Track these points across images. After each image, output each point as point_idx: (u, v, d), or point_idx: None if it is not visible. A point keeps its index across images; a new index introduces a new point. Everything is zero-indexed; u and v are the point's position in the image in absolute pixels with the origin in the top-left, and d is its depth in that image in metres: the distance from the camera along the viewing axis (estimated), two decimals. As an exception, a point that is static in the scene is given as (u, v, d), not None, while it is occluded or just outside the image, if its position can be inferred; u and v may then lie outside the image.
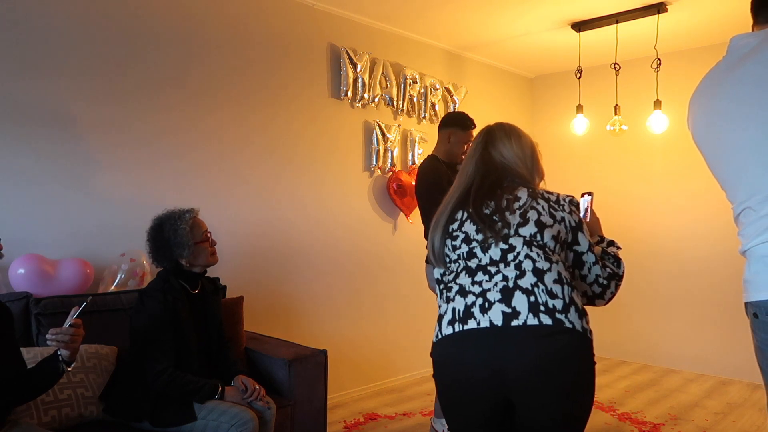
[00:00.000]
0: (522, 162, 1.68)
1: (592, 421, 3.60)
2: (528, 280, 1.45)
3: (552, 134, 5.57)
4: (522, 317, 1.41)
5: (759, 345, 1.34)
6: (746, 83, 1.33)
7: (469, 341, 1.46)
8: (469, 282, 1.52)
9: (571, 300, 1.44)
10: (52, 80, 2.72)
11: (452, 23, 4.22)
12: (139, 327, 2.22)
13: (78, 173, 2.81)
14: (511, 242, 1.52)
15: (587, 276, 1.61)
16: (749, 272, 1.35)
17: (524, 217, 1.54)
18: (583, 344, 1.43)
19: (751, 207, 1.32)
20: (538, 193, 1.61)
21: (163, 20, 3.11)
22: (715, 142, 1.42)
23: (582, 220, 1.62)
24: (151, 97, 3.07)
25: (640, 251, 5.05)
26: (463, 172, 1.69)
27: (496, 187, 1.61)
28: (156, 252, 2.33)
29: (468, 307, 1.48)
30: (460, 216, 1.62)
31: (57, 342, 1.77)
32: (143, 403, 2.18)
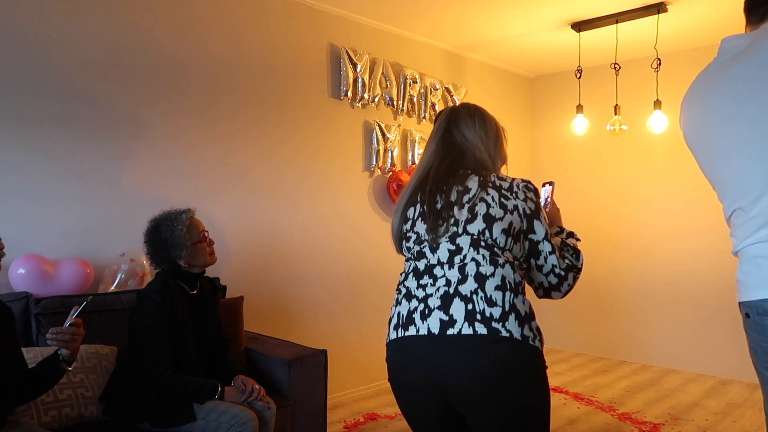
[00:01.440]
0: (484, 145, 1.62)
1: (592, 421, 3.60)
2: (468, 287, 1.41)
3: (552, 134, 5.57)
4: (457, 326, 1.37)
5: (752, 345, 1.35)
6: (737, 83, 1.33)
7: (409, 349, 1.45)
8: (415, 286, 1.49)
9: (511, 307, 1.39)
10: (52, 80, 2.72)
11: (452, 23, 4.22)
12: (138, 329, 2.22)
13: (78, 173, 2.80)
14: (458, 242, 1.47)
15: (543, 266, 1.53)
16: (741, 272, 1.35)
17: (472, 212, 1.48)
18: (522, 352, 1.37)
19: (741, 208, 1.33)
20: (489, 181, 1.53)
21: (163, 20, 3.11)
22: (706, 142, 1.42)
23: (539, 207, 1.54)
24: (152, 98, 3.07)
25: (641, 251, 5.05)
26: (425, 152, 1.65)
27: (451, 173, 1.57)
28: (154, 254, 2.33)
29: (410, 312, 1.46)
30: (412, 214, 1.57)
31: (57, 341, 1.77)
32: (143, 404, 2.18)
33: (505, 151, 1.70)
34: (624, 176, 5.13)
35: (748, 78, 1.31)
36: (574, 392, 4.16)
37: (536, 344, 1.40)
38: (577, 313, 5.43)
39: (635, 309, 5.10)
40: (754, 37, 1.35)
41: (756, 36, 1.35)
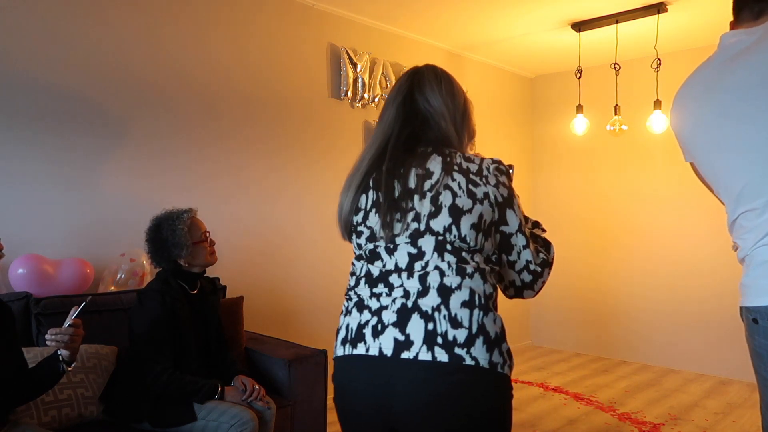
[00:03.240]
0: (451, 115, 1.39)
1: (592, 421, 3.61)
2: (430, 301, 1.19)
3: (552, 134, 5.57)
4: (414, 349, 1.16)
5: (758, 350, 1.31)
6: (748, 80, 1.29)
7: (356, 369, 1.24)
8: (368, 294, 1.27)
9: (479, 328, 1.17)
10: (53, 81, 2.72)
11: (452, 23, 4.22)
12: (138, 328, 2.22)
13: (78, 173, 2.81)
14: (420, 244, 1.24)
15: (516, 262, 1.32)
16: (748, 277, 1.32)
17: (436, 203, 1.25)
18: (489, 383, 1.17)
19: (754, 209, 1.29)
20: (455, 164, 1.29)
21: (163, 21, 3.11)
22: (711, 142, 1.37)
23: (512, 193, 1.32)
24: (152, 98, 3.07)
25: (641, 251, 5.05)
26: (381, 119, 1.41)
27: (410, 149, 1.34)
28: (155, 252, 2.33)
29: (361, 326, 1.24)
30: (364, 203, 1.33)
31: (57, 342, 1.77)
32: (143, 404, 2.18)
33: (474, 125, 1.47)
34: (624, 176, 5.13)
35: (762, 77, 1.27)
36: (574, 392, 4.16)
37: (505, 371, 1.19)
38: (577, 313, 5.42)
39: (635, 309, 5.10)
40: (761, 33, 1.32)
41: (763, 32, 1.32)
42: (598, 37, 4.43)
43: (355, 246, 1.38)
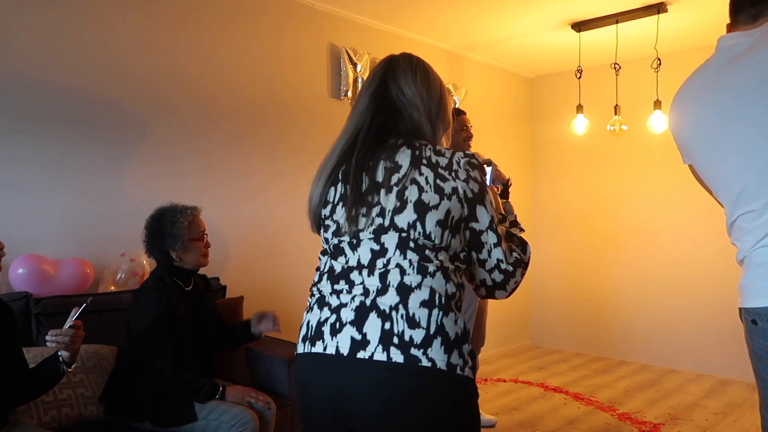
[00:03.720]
0: (425, 106, 1.34)
1: (592, 421, 3.61)
2: (388, 300, 1.15)
3: (552, 134, 5.57)
4: (370, 348, 1.13)
5: (758, 352, 1.32)
6: (747, 82, 1.29)
7: (315, 368, 1.22)
8: (329, 291, 1.25)
9: (438, 329, 1.13)
10: (54, 81, 2.72)
11: (452, 23, 4.22)
12: (137, 327, 2.22)
13: (78, 174, 2.80)
14: (383, 240, 1.20)
15: (486, 261, 1.26)
16: (747, 278, 1.32)
17: (402, 198, 1.21)
18: (446, 385, 1.12)
19: (754, 210, 1.29)
20: (423, 157, 1.24)
21: (163, 22, 3.11)
22: (710, 144, 1.37)
23: (484, 189, 1.26)
24: (153, 99, 3.07)
25: (641, 251, 5.05)
26: (354, 109, 1.37)
27: (380, 141, 1.29)
28: (150, 241, 2.35)
29: (320, 323, 1.22)
30: (333, 196, 1.30)
31: (57, 343, 1.77)
32: (143, 404, 2.18)
33: (450, 117, 1.42)
34: (624, 176, 5.13)
35: (762, 78, 1.27)
36: (574, 392, 4.16)
37: (466, 373, 1.15)
38: (577, 313, 5.43)
39: (635, 309, 5.10)
40: (760, 34, 1.32)
41: (761, 34, 1.32)
42: (598, 37, 4.43)
43: (323, 240, 1.34)
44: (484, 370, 4.70)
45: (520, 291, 5.66)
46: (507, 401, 3.97)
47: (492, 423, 3.49)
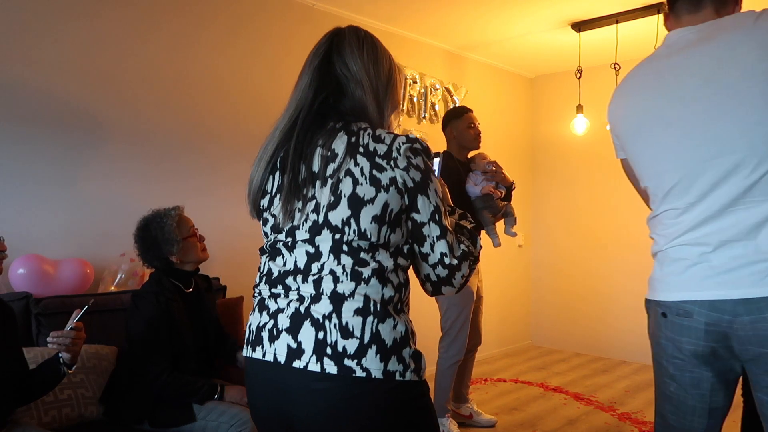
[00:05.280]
0: (372, 83, 1.23)
1: (592, 421, 3.61)
2: (322, 308, 1.10)
3: (552, 134, 5.57)
4: (305, 358, 1.08)
5: (662, 342, 1.39)
6: (687, 83, 1.31)
7: (257, 373, 1.18)
8: (268, 294, 1.19)
9: (373, 337, 1.07)
10: (54, 81, 2.72)
11: (452, 23, 4.22)
12: (134, 330, 2.21)
13: (79, 174, 2.81)
14: (318, 243, 1.13)
15: (429, 255, 1.18)
16: (661, 272, 1.38)
17: (336, 192, 1.12)
18: (383, 393, 1.07)
19: (676, 209, 1.34)
20: (360, 145, 1.14)
21: (162, 22, 3.11)
22: (648, 140, 1.40)
23: (428, 177, 1.16)
24: (151, 101, 3.07)
25: (641, 251, 5.05)
26: (297, 85, 1.28)
27: (319, 123, 1.20)
28: (146, 252, 2.33)
29: (259, 328, 1.18)
30: (271, 186, 1.22)
31: (58, 345, 1.77)
32: (143, 405, 2.18)
33: (399, 96, 1.32)
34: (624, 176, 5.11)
35: (703, 78, 1.29)
36: (574, 392, 4.16)
37: (407, 378, 1.10)
38: (577, 313, 5.43)
39: (635, 309, 5.10)
40: (704, 34, 1.32)
41: (707, 30, 1.32)
42: (598, 37, 4.43)
43: (263, 233, 1.26)
44: (484, 370, 4.70)
45: (521, 291, 5.67)
46: (507, 401, 3.97)
47: (492, 423, 3.49)
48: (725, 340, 1.29)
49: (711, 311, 1.28)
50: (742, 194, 1.25)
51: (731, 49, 1.26)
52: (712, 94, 1.27)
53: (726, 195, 1.26)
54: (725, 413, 1.39)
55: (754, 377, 1.30)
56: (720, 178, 1.27)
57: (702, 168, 1.29)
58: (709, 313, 1.28)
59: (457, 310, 3.18)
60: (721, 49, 1.28)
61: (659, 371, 1.44)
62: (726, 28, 1.30)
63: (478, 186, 3.15)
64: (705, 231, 1.29)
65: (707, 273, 1.28)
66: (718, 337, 1.29)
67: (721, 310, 1.27)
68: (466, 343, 3.20)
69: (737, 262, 1.25)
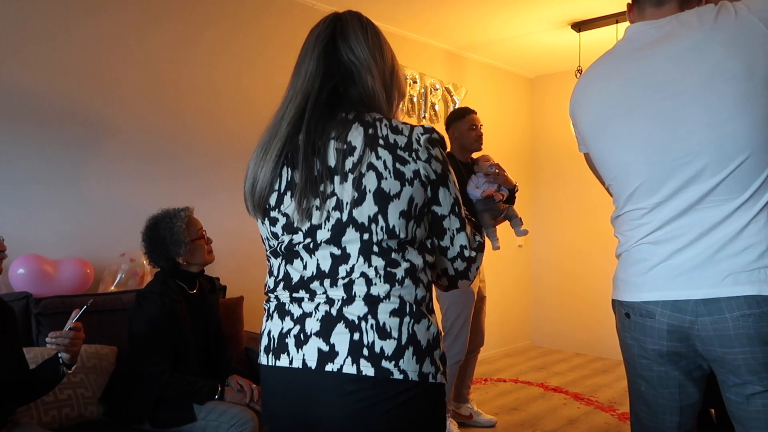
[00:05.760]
0: (379, 69, 1.18)
1: (592, 421, 3.61)
2: (356, 310, 1.06)
3: (552, 134, 5.57)
4: (339, 360, 1.04)
5: (629, 342, 1.39)
6: (655, 78, 1.28)
7: (281, 382, 1.13)
8: (288, 299, 1.13)
9: (410, 338, 1.06)
10: (54, 81, 2.72)
11: (452, 23, 4.22)
12: (138, 330, 2.21)
13: (78, 174, 2.81)
14: (344, 243, 1.08)
15: (449, 249, 1.15)
16: (625, 272, 1.37)
17: (359, 188, 1.06)
18: (417, 395, 1.05)
19: (641, 209, 1.32)
20: (380, 136, 1.09)
21: (163, 21, 3.11)
22: (612, 136, 1.36)
23: (447, 168, 1.14)
24: (151, 100, 3.07)
25: (640, 251, 5.05)
26: (299, 72, 1.18)
27: (329, 113, 1.14)
28: (153, 252, 2.33)
29: (283, 335, 1.12)
30: (278, 183, 1.14)
31: (57, 345, 1.77)
32: (143, 404, 2.18)
33: (404, 84, 1.27)
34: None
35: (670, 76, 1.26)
36: (574, 392, 4.16)
37: (438, 380, 1.09)
38: (577, 313, 5.43)
39: (635, 309, 5.10)
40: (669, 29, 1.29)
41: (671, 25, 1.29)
42: (598, 37, 4.43)
43: (269, 235, 1.18)
44: (484, 370, 4.70)
45: (521, 291, 5.67)
46: (507, 401, 3.97)
47: (492, 423, 3.49)
48: (687, 340, 1.28)
49: (673, 311, 1.27)
50: (706, 194, 1.24)
51: (695, 49, 1.24)
52: (677, 93, 1.25)
53: (692, 195, 1.25)
54: (696, 409, 1.38)
55: (720, 377, 1.29)
56: (688, 179, 1.25)
57: (670, 169, 1.26)
58: (672, 314, 1.28)
59: (458, 309, 3.17)
60: (685, 48, 1.25)
61: (629, 371, 1.44)
62: (688, 26, 1.26)
63: (479, 189, 3.13)
64: (669, 231, 1.28)
65: (670, 273, 1.27)
66: (681, 337, 1.28)
67: (683, 310, 1.26)
68: (467, 343, 3.20)
69: (698, 261, 1.24)
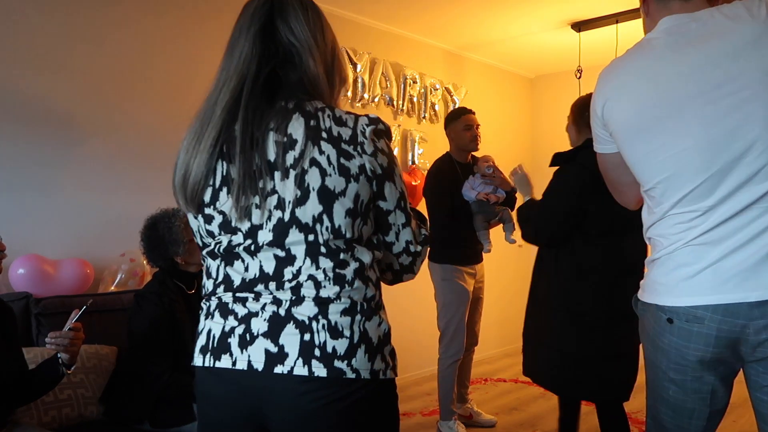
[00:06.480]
0: (321, 53, 1.10)
1: (591, 420, 3.60)
2: (307, 310, 1.01)
3: (552, 134, 5.57)
4: (289, 362, 0.99)
5: (665, 348, 1.33)
6: (711, 78, 1.21)
7: (221, 383, 1.06)
8: (231, 299, 1.07)
9: (362, 336, 1.02)
10: (53, 81, 2.72)
11: (452, 23, 4.22)
12: (137, 330, 2.21)
13: (78, 174, 2.81)
14: (288, 246, 1.02)
15: (394, 244, 1.12)
16: (667, 276, 1.30)
17: (302, 185, 1.00)
18: (369, 393, 1.03)
19: (693, 211, 1.26)
20: (323, 128, 1.02)
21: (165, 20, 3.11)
22: (659, 135, 1.27)
23: (393, 161, 1.09)
24: (150, 99, 3.07)
25: (640, 251, 5.05)
26: (233, 52, 1.10)
27: (267, 101, 1.05)
28: (151, 251, 2.33)
29: (225, 333, 1.05)
30: (212, 178, 1.06)
31: (56, 345, 1.77)
32: (143, 404, 2.18)
33: (346, 69, 1.16)
34: (624, 176, 5.12)
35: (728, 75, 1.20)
36: (574, 392, 4.15)
37: (387, 376, 1.06)
38: (577, 313, 5.42)
39: (635, 309, 5.10)
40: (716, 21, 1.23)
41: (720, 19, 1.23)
42: (598, 37, 4.43)
43: (204, 233, 1.10)
44: (484, 370, 4.70)
45: (520, 291, 5.66)
46: (507, 401, 3.97)
47: (492, 423, 3.49)
48: (734, 345, 1.24)
49: (725, 316, 1.22)
50: (763, 195, 1.19)
51: (753, 44, 1.18)
52: (736, 90, 1.19)
53: (748, 197, 1.20)
54: (723, 415, 1.37)
55: (756, 377, 1.27)
56: (744, 180, 1.20)
57: (728, 170, 1.20)
58: (723, 318, 1.22)
59: (452, 310, 3.18)
60: (741, 43, 1.19)
61: (657, 374, 1.39)
62: (738, 20, 1.21)
63: (474, 190, 3.11)
64: (720, 233, 1.22)
65: (720, 277, 1.22)
66: (728, 343, 1.24)
67: (735, 314, 1.21)
68: (464, 341, 3.20)
69: (751, 263, 1.19)
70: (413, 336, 4.37)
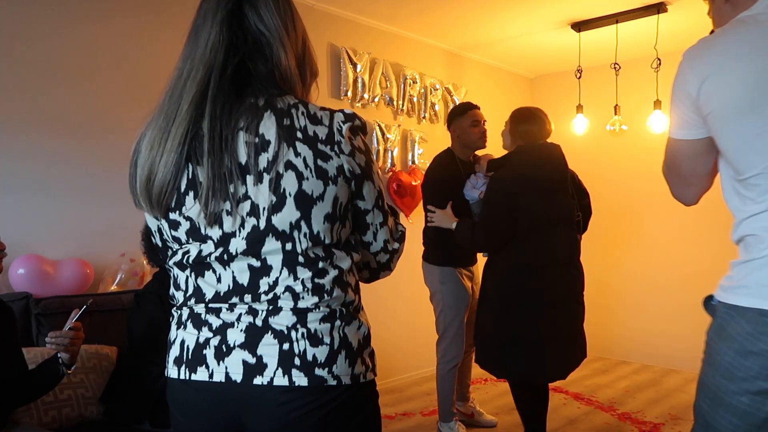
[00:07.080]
0: (291, 44, 1.03)
1: (592, 421, 3.61)
2: (284, 320, 0.98)
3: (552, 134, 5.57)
4: (268, 373, 0.96)
5: (758, 352, 1.19)
6: None
7: (197, 397, 1.03)
8: (204, 309, 1.02)
9: (342, 342, 1.00)
10: (53, 82, 2.72)
11: (452, 23, 4.22)
12: (136, 330, 2.21)
13: (78, 173, 2.81)
14: (264, 255, 0.97)
15: (372, 244, 1.10)
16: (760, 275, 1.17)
17: (278, 191, 0.95)
18: (350, 397, 1.01)
19: None
20: (297, 128, 0.97)
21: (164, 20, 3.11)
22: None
23: (371, 159, 1.05)
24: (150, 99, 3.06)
25: (641, 251, 5.05)
26: (198, 39, 1.01)
27: (239, 91, 0.99)
28: (151, 251, 2.33)
29: (200, 345, 1.01)
30: (183, 182, 0.99)
31: (56, 345, 1.77)
32: (143, 405, 2.18)
33: (316, 62, 1.12)
34: (624, 176, 5.13)
35: None
36: (574, 392, 4.16)
37: (368, 378, 1.04)
38: (577, 313, 5.42)
39: (635, 309, 5.10)
40: None
41: None
42: (598, 37, 4.43)
43: (168, 238, 1.05)
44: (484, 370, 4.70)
45: (520, 291, 5.66)
46: (507, 401, 3.96)
47: (493, 423, 3.49)
48: None
49: None
50: None
51: None
52: None
53: None
54: None
55: None
56: None
57: None
58: None
59: (452, 313, 3.11)
60: None
61: (731, 380, 1.23)
62: None
63: (476, 189, 3.09)
64: None
65: None
66: None
67: None
68: (463, 345, 3.15)
69: None
70: (413, 336, 4.38)
